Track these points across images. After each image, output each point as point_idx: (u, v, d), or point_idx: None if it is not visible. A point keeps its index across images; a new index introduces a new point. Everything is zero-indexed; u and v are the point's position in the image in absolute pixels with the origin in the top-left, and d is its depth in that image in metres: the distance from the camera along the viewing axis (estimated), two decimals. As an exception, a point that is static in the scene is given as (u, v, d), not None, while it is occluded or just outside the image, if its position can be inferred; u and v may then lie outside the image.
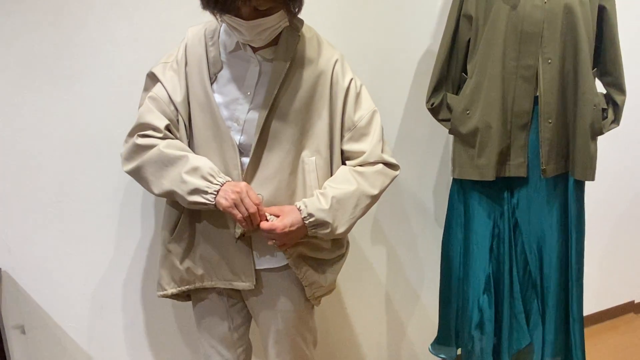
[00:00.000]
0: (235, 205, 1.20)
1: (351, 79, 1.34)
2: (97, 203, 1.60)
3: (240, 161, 1.29)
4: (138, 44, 1.55)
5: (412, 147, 2.03)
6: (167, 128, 1.28)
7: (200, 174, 1.22)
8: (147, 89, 1.35)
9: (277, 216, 1.26)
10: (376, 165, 1.34)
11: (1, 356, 1.50)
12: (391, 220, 2.07)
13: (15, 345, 1.59)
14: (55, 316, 1.62)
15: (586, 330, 2.65)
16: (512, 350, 1.80)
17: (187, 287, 1.39)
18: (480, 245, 1.75)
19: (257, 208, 1.22)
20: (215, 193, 1.21)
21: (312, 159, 1.31)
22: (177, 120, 1.30)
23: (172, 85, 1.30)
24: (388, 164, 1.36)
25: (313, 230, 1.27)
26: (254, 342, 1.57)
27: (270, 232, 1.24)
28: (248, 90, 1.28)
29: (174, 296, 1.40)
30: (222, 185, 1.22)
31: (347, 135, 1.34)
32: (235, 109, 1.29)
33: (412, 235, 2.13)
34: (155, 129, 1.27)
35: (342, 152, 1.37)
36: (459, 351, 1.90)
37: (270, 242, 1.27)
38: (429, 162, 2.09)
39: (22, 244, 1.54)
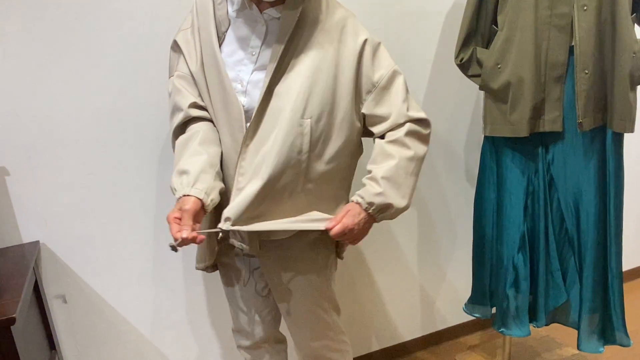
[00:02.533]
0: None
1: (365, 40, 1.27)
2: (128, 174, 1.61)
3: (245, 124, 1.25)
4: (159, 12, 1.53)
5: (441, 105, 1.99)
6: (192, 105, 1.29)
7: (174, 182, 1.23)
8: (172, 61, 1.35)
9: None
10: (405, 125, 1.29)
11: (45, 325, 1.56)
12: (422, 180, 2.05)
13: (57, 315, 1.64)
14: (94, 285, 1.67)
15: (625, 286, 2.62)
16: (548, 308, 1.78)
17: (214, 256, 1.41)
18: (514, 203, 1.71)
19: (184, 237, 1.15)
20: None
21: (307, 121, 1.23)
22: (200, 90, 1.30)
23: (190, 54, 1.29)
24: (417, 121, 1.31)
25: (380, 216, 1.28)
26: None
27: (343, 233, 1.24)
28: (253, 51, 1.25)
29: (208, 268, 1.44)
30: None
31: (368, 98, 1.29)
32: (239, 69, 1.26)
33: (444, 196, 2.11)
34: (180, 109, 1.29)
35: (364, 117, 1.31)
36: (493, 310, 1.89)
37: (345, 242, 1.30)
38: (459, 120, 2.04)
39: (58, 217, 1.57)
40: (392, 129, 1.30)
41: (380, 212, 1.27)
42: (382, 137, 1.32)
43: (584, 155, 1.65)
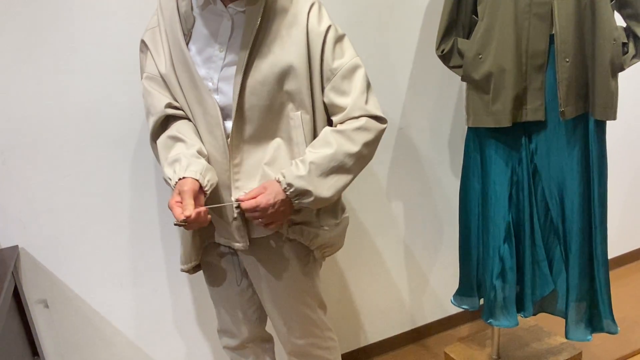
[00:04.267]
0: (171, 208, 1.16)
1: (329, 26, 1.24)
2: (106, 174, 1.58)
3: (222, 121, 1.24)
4: (132, 10, 1.50)
5: (423, 97, 1.98)
6: (167, 105, 1.26)
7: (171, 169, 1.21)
8: (141, 62, 1.33)
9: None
10: (360, 119, 1.24)
11: (26, 331, 1.53)
12: (406, 174, 2.04)
13: (39, 319, 1.62)
14: (76, 288, 1.64)
15: (611, 273, 2.63)
16: (535, 298, 1.78)
17: (200, 256, 1.40)
18: (498, 194, 1.71)
19: (189, 216, 1.12)
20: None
21: (297, 114, 1.24)
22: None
23: (159, 54, 1.27)
24: (374, 117, 1.26)
25: (297, 202, 1.22)
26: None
27: (255, 210, 1.19)
28: (221, 47, 1.23)
29: (194, 268, 1.42)
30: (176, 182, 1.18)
31: (327, 86, 1.25)
32: (209, 67, 1.24)
33: (429, 188, 2.10)
34: (155, 112, 1.27)
35: (325, 105, 1.29)
36: (481, 301, 1.89)
37: (256, 222, 1.22)
38: (442, 112, 2.03)
39: (36, 220, 1.54)
40: (346, 120, 1.25)
41: (298, 197, 1.21)
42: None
43: (567, 143, 1.65)
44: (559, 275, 1.77)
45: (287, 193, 1.20)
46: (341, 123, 1.25)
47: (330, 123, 1.31)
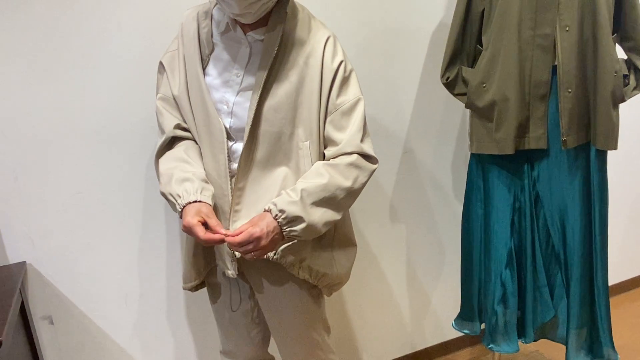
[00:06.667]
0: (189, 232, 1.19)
1: (341, 62, 1.27)
2: (116, 192, 1.61)
3: (228, 145, 1.26)
4: (146, 30, 1.54)
5: (428, 123, 2.01)
6: (176, 126, 1.31)
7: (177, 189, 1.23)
8: (158, 82, 1.37)
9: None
10: (352, 155, 1.26)
11: (31, 347, 1.53)
12: (409, 197, 2.06)
13: (44, 336, 1.62)
14: (82, 306, 1.65)
15: (611, 300, 2.64)
16: (536, 324, 1.79)
17: (202, 276, 1.43)
18: (501, 220, 1.73)
19: (208, 237, 1.16)
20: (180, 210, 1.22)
21: (306, 144, 1.26)
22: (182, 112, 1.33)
23: (174, 76, 1.31)
24: (365, 156, 1.28)
25: (288, 229, 1.19)
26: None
27: (250, 241, 1.15)
28: (238, 72, 1.26)
29: (195, 287, 1.44)
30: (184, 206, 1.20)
31: (327, 119, 1.28)
32: (225, 91, 1.27)
33: (431, 213, 2.12)
34: (163, 132, 1.32)
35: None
36: (482, 326, 1.89)
37: (248, 256, 1.19)
38: (445, 138, 2.06)
39: (45, 237, 1.56)
40: (338, 155, 1.27)
41: (289, 224, 1.19)
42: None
43: (568, 171, 1.68)
44: (560, 301, 1.78)
45: (279, 220, 1.18)
46: (333, 158, 1.27)
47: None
